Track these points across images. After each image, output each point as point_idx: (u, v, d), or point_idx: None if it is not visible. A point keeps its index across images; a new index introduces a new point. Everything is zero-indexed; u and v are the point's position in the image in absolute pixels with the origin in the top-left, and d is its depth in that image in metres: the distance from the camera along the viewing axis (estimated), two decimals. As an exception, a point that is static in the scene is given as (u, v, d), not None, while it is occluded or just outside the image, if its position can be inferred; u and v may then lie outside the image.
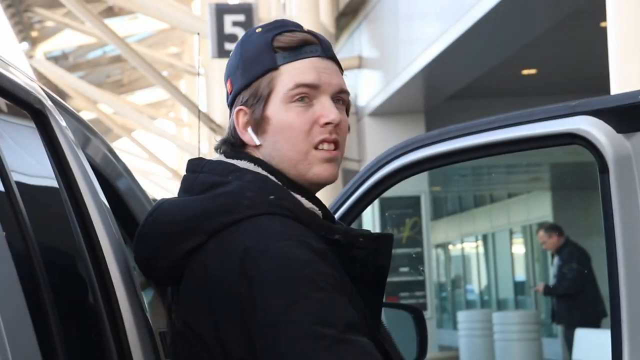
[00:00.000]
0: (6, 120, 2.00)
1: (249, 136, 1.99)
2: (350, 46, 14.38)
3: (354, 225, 2.73)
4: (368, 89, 13.77)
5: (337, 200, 2.81)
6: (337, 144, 1.98)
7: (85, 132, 2.51)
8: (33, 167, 2.07)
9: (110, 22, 24.14)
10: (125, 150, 33.07)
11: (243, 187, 1.94)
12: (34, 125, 2.10)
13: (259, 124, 1.98)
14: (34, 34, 28.23)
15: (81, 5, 19.38)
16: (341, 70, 2.04)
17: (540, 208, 20.26)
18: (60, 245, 2.09)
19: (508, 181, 21.37)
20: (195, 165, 2.03)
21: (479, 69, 11.45)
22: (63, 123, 2.24)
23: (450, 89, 12.51)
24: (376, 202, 13.26)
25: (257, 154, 2.00)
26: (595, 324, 9.86)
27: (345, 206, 2.79)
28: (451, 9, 10.13)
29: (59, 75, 25.33)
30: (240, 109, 2.00)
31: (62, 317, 1.79)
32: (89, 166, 2.25)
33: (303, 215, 1.94)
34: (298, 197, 1.96)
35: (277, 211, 1.91)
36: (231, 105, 2.04)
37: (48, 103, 2.19)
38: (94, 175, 2.24)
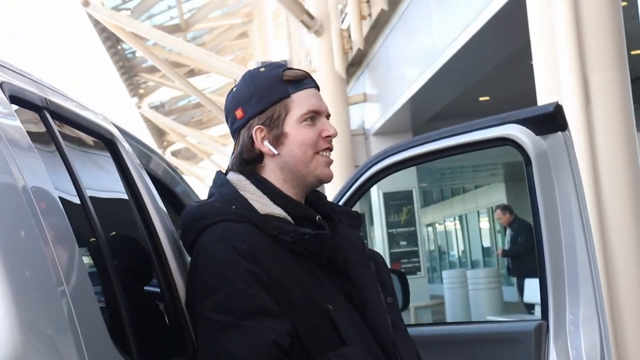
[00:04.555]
0: (86, 149, 1.92)
1: (267, 148, 1.87)
2: (357, 86, 14.34)
3: (356, 208, 2.61)
4: (371, 116, 13.72)
5: (343, 188, 2.76)
6: (331, 151, 1.90)
7: (147, 152, 2.42)
8: (107, 183, 2.00)
9: (192, 80, 24.25)
10: (207, 169, 33.24)
11: (218, 199, 1.85)
12: (107, 152, 2.01)
13: (278, 138, 1.87)
14: (141, 91, 28.47)
15: (171, 69, 19.50)
16: None
17: (498, 195, 20.15)
18: (129, 241, 2.00)
19: (475, 177, 21.29)
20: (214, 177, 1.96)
21: (448, 98, 11.45)
22: (129, 148, 2.15)
23: (429, 113, 12.48)
24: (381, 196, 13.30)
25: (269, 163, 1.88)
26: (536, 276, 9.78)
27: (349, 192, 2.73)
28: (425, 56, 10.12)
29: (158, 119, 25.61)
30: (259, 128, 1.87)
31: (129, 298, 1.69)
32: (150, 180, 2.16)
33: (257, 219, 1.79)
34: (259, 204, 1.82)
35: (234, 218, 1.79)
36: (241, 128, 1.91)
37: (117, 133, 2.10)
38: (153, 187, 2.15)
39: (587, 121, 4.92)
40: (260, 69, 1.92)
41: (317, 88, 1.92)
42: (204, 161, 32.78)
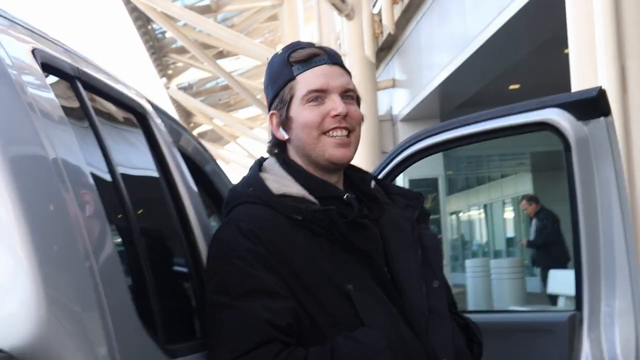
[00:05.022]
0: (118, 123, 1.88)
1: (280, 133, 1.85)
2: (387, 72, 14.23)
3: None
4: (400, 102, 13.62)
5: (376, 168, 2.69)
6: (349, 131, 1.80)
7: (179, 129, 2.37)
8: (138, 159, 1.95)
9: (221, 62, 24.25)
10: (233, 152, 33.33)
11: (240, 182, 1.86)
12: (139, 127, 1.96)
13: (286, 123, 1.83)
14: (170, 72, 28.55)
15: (201, 51, 19.51)
16: (348, 73, 1.87)
17: (524, 185, 19.97)
18: (159, 219, 1.96)
19: (501, 166, 21.12)
20: None
21: (478, 85, 11.32)
22: (161, 124, 2.10)
23: (458, 100, 12.35)
24: (407, 182, 13.20)
25: (289, 147, 1.86)
26: (562, 266, 9.76)
27: (384, 171, 2.66)
28: (457, 42, 10.01)
29: (186, 100, 25.71)
30: (273, 113, 1.86)
31: (157, 278, 1.65)
32: (180, 156, 2.12)
33: (270, 200, 1.76)
34: (276, 185, 1.79)
35: (249, 200, 1.78)
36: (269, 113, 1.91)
37: (149, 108, 2.05)
38: (185, 165, 2.10)
39: (623, 110, 4.82)
40: (278, 52, 1.88)
41: (334, 63, 1.83)
42: (230, 144, 32.82)
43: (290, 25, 23.10)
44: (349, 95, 1.83)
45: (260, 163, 1.89)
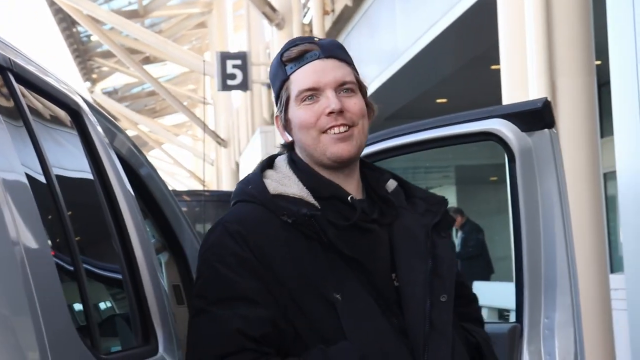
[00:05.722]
0: (51, 119, 1.76)
1: (285, 136, 1.76)
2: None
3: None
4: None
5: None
6: (349, 126, 1.68)
7: (113, 129, 2.26)
8: (72, 159, 1.84)
9: (148, 67, 23.93)
10: (158, 158, 32.92)
11: (244, 179, 1.77)
12: (74, 124, 1.85)
13: (286, 125, 1.75)
14: (94, 76, 28.09)
15: (127, 55, 19.21)
16: (348, 63, 1.73)
17: (449, 197, 20.20)
18: (94, 223, 1.86)
19: (426, 178, 21.35)
20: None
21: (406, 98, 11.42)
22: (96, 122, 1.99)
23: (386, 113, 12.41)
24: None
25: (296, 146, 1.76)
26: (485, 278, 9.89)
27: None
28: (386, 55, 10.08)
29: (111, 105, 25.32)
30: (277, 116, 1.77)
31: (92, 283, 1.56)
32: (116, 157, 2.01)
33: (265, 200, 1.67)
34: (274, 184, 1.70)
35: (246, 199, 1.70)
36: None
37: (83, 104, 1.94)
38: (120, 165, 2.00)
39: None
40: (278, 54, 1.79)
41: (328, 56, 1.70)
42: (155, 150, 32.39)
43: (219, 33, 22.96)
44: (347, 88, 1.71)
45: (269, 160, 1.79)
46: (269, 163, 1.78)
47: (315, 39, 1.75)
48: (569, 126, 5.04)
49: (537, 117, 2.23)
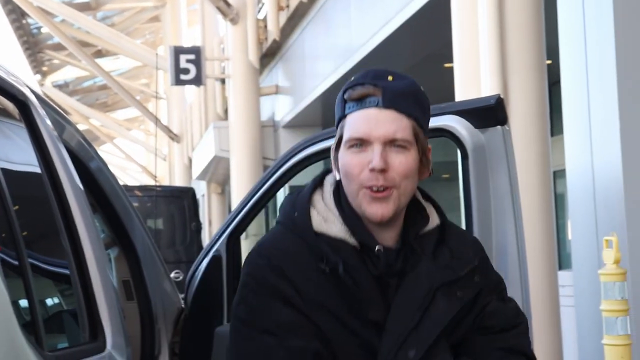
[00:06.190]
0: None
1: (335, 172, 1.69)
2: (270, 78, 14.19)
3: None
4: (282, 108, 13.60)
5: (258, 183, 2.59)
6: (387, 187, 1.61)
7: (62, 122, 2.21)
8: (19, 150, 1.79)
9: (100, 61, 23.62)
10: (109, 152, 32.54)
11: (294, 196, 1.70)
12: (21, 116, 1.81)
13: (336, 162, 1.67)
14: (45, 68, 27.65)
15: (78, 48, 18.95)
16: (410, 115, 1.65)
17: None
18: (40, 218, 1.81)
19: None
20: None
21: (360, 96, 11.40)
22: (44, 114, 1.95)
23: (339, 110, 12.45)
24: (287, 190, 13.17)
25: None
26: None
27: (263, 188, 2.56)
28: (341, 52, 10.07)
29: (61, 98, 25.01)
30: (333, 149, 1.70)
31: (37, 273, 1.52)
32: (65, 150, 1.97)
33: (308, 238, 1.62)
34: (319, 218, 1.65)
35: (289, 225, 1.65)
36: None
37: (31, 96, 1.89)
38: (69, 158, 1.96)
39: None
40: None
41: (388, 107, 1.62)
42: (106, 144, 31.97)
43: (172, 27, 22.73)
44: (399, 145, 1.62)
45: (322, 177, 1.72)
46: (321, 180, 1.71)
47: (389, 77, 1.66)
48: (520, 124, 5.10)
49: (490, 114, 2.24)
